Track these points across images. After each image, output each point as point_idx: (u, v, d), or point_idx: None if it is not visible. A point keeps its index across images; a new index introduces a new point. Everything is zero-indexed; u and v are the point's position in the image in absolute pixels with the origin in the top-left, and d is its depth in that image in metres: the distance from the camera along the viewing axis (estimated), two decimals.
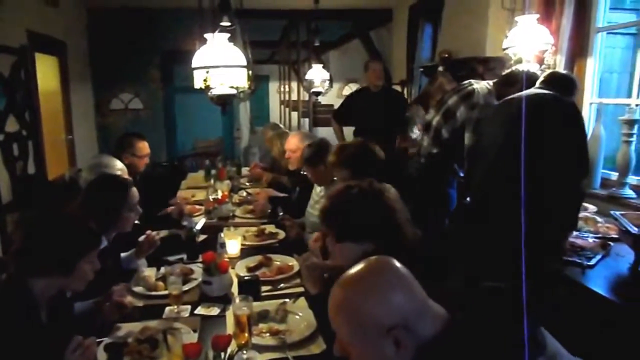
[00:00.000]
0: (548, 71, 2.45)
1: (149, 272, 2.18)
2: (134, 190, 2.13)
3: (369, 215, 1.45)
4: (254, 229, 2.80)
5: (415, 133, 3.61)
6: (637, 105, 2.81)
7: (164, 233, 2.66)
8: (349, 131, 4.65)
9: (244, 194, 3.83)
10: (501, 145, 2.25)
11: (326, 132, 6.88)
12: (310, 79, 5.34)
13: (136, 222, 2.24)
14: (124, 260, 2.24)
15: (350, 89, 7.45)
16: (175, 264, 2.10)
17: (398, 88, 5.71)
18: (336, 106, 6.67)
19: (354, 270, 0.99)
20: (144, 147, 3.28)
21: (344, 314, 0.95)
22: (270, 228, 2.81)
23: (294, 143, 3.29)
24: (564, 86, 2.31)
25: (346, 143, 2.35)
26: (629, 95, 2.91)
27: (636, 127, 2.76)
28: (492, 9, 3.84)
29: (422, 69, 5.07)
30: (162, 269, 2.18)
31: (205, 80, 2.37)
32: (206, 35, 2.38)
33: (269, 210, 3.14)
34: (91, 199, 2.02)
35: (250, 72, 2.52)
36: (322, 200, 2.15)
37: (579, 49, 3.12)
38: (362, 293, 0.94)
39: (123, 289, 1.88)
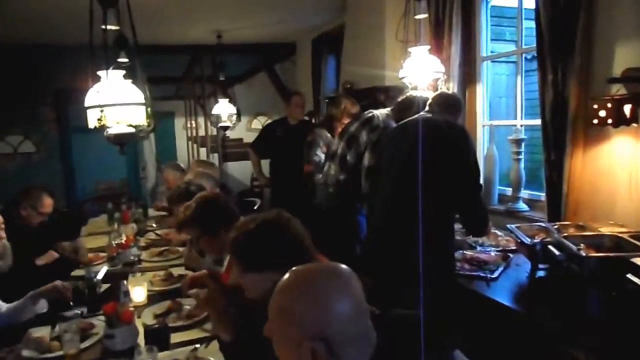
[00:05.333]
0: (435, 93, 2.63)
1: (42, 332, 1.98)
2: None
3: (273, 245, 1.45)
4: (162, 272, 2.67)
5: (319, 156, 3.60)
6: (521, 125, 3.10)
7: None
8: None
9: (153, 236, 3.66)
10: (399, 167, 2.37)
11: (236, 166, 6.86)
12: (217, 113, 5.33)
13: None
14: (12, 312, 2.03)
15: (259, 122, 7.49)
16: (72, 319, 1.93)
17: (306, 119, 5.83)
18: (246, 140, 6.69)
19: (312, 265, 0.99)
20: (48, 203, 3.15)
21: (278, 299, 0.95)
22: (178, 270, 2.69)
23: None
24: (451, 105, 2.52)
25: (187, 204, 2.29)
26: (515, 117, 3.19)
27: (523, 145, 3.03)
28: (388, 41, 4.07)
29: (327, 100, 5.23)
30: (57, 327, 1.99)
31: (100, 120, 2.27)
32: (99, 73, 2.28)
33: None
34: None
35: (149, 109, 2.45)
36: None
37: (468, 76, 3.39)
38: (300, 289, 0.93)
39: None
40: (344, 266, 1.00)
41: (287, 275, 0.97)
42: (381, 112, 3.08)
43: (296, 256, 1.42)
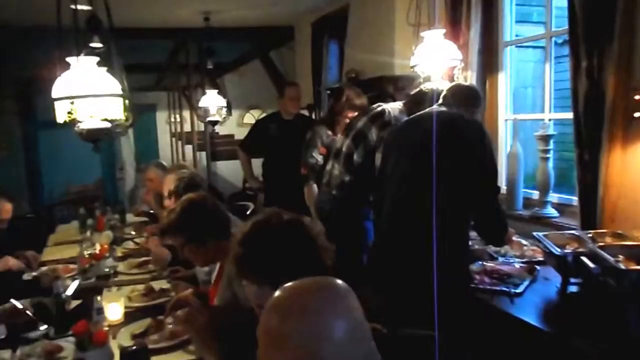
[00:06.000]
0: (451, 84, 2.62)
1: (2, 356, 1.97)
2: None
3: (297, 246, 1.41)
4: (141, 286, 2.66)
5: (315, 158, 3.56)
6: (550, 119, 3.08)
7: (24, 303, 2.44)
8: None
9: (131, 244, 3.66)
10: (407, 165, 2.37)
11: (226, 166, 6.87)
12: (205, 106, 5.33)
13: None
14: None
15: (252, 116, 7.50)
16: (37, 341, 1.93)
17: (305, 113, 5.82)
18: (237, 136, 6.71)
19: (304, 280, 0.98)
20: (7, 209, 3.25)
21: (267, 319, 0.94)
22: (160, 284, 2.69)
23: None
24: (468, 98, 2.51)
25: (172, 208, 2.28)
26: (543, 111, 3.18)
27: (551, 142, 3.01)
28: (397, 25, 4.08)
29: (329, 91, 5.22)
30: (19, 351, 1.98)
31: (70, 113, 2.26)
32: (69, 59, 2.28)
33: (170, 259, 2.97)
34: None
35: (127, 101, 2.44)
36: None
37: (489, 63, 3.39)
38: (290, 308, 0.93)
39: None
40: (339, 282, 0.99)
41: (276, 293, 0.97)
42: (392, 107, 3.07)
43: (312, 257, 1.40)
